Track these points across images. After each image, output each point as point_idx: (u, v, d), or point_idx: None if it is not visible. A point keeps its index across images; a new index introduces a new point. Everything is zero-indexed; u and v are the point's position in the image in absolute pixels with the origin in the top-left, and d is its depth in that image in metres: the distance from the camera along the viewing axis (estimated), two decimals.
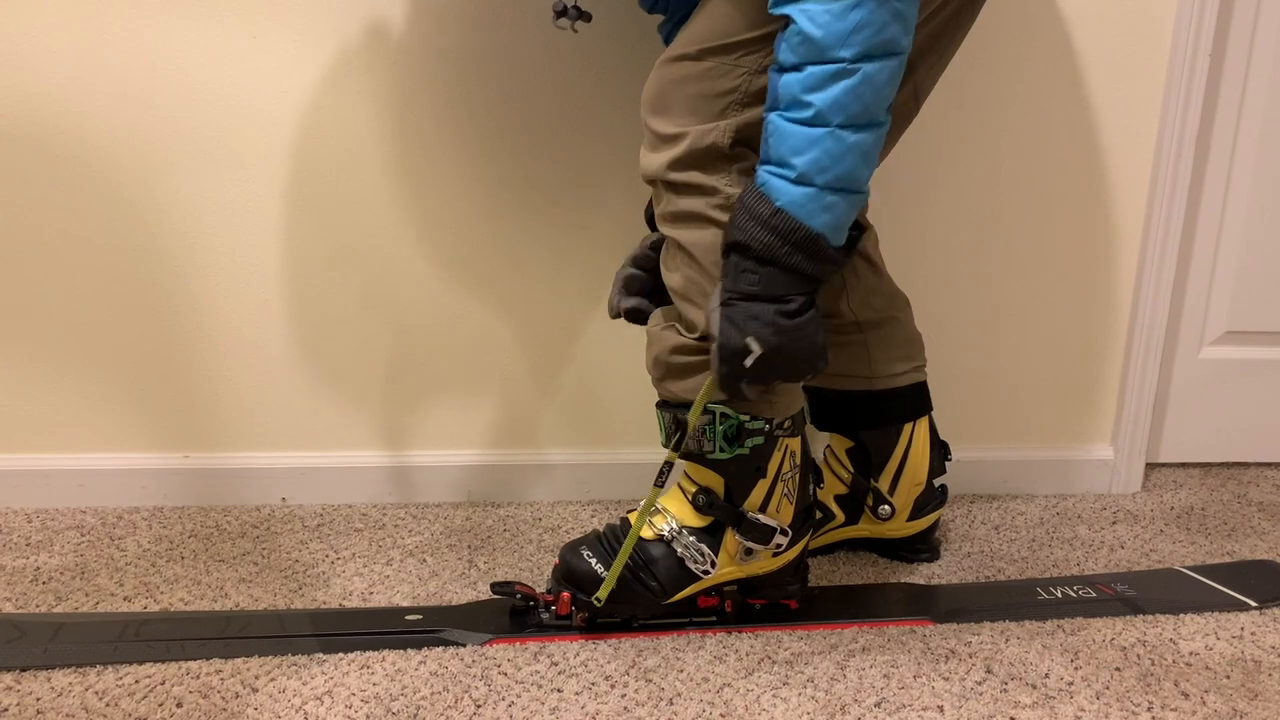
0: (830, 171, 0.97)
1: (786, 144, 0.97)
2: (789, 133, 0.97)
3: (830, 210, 0.99)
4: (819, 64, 0.93)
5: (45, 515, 1.50)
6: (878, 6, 0.92)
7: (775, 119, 0.98)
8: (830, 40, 0.93)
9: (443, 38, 1.41)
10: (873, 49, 0.94)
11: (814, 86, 0.94)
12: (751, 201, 1.00)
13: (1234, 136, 1.58)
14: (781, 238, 0.99)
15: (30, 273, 1.46)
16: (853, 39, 0.92)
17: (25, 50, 1.38)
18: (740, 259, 1.01)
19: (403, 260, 1.49)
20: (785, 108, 0.97)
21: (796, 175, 0.97)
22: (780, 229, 0.99)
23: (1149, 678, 1.09)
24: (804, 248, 0.99)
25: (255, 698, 1.04)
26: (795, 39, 0.94)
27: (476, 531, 1.47)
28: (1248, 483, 1.68)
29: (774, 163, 0.99)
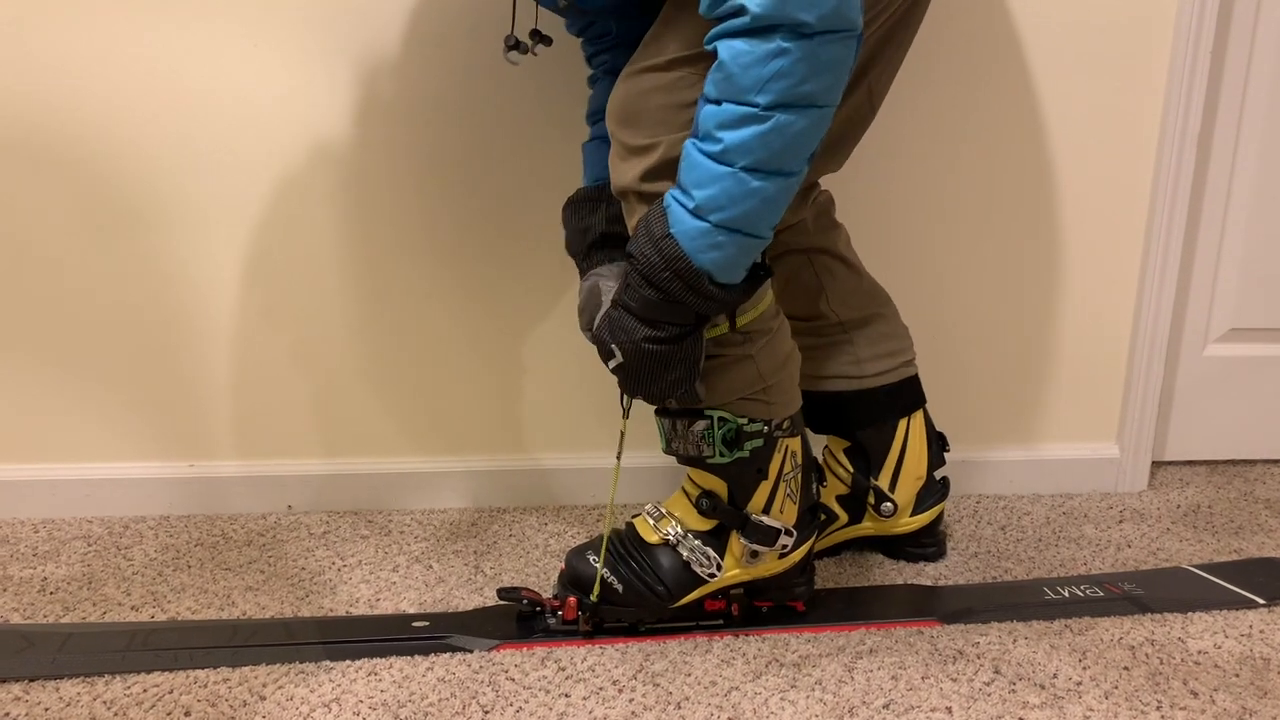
0: (726, 211, 0.95)
1: (692, 174, 0.96)
2: (696, 163, 0.96)
3: (719, 249, 0.97)
4: (734, 103, 0.92)
5: (52, 525, 1.50)
6: (802, 58, 0.89)
7: (689, 146, 0.97)
8: (747, 82, 0.91)
9: (440, 47, 1.41)
10: (790, 99, 0.91)
11: (726, 124, 0.93)
12: (652, 218, 1.00)
13: (1236, 133, 1.58)
14: (665, 262, 0.98)
15: (35, 283, 1.47)
16: (770, 86, 0.90)
17: (27, 57, 1.39)
18: (631, 271, 1.02)
19: (407, 266, 1.50)
20: (700, 138, 0.96)
21: (694, 207, 0.96)
22: (666, 254, 0.98)
23: (1157, 677, 1.09)
24: (684, 278, 0.98)
25: (263, 706, 1.04)
26: (718, 74, 0.93)
27: (482, 537, 1.47)
28: (1254, 480, 1.67)
29: (680, 187, 0.98)
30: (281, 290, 1.49)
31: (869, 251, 1.50)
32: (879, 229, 1.51)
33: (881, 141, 1.47)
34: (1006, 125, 1.50)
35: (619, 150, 1.09)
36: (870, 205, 1.49)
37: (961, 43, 1.45)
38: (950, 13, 1.43)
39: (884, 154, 1.47)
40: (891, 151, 1.47)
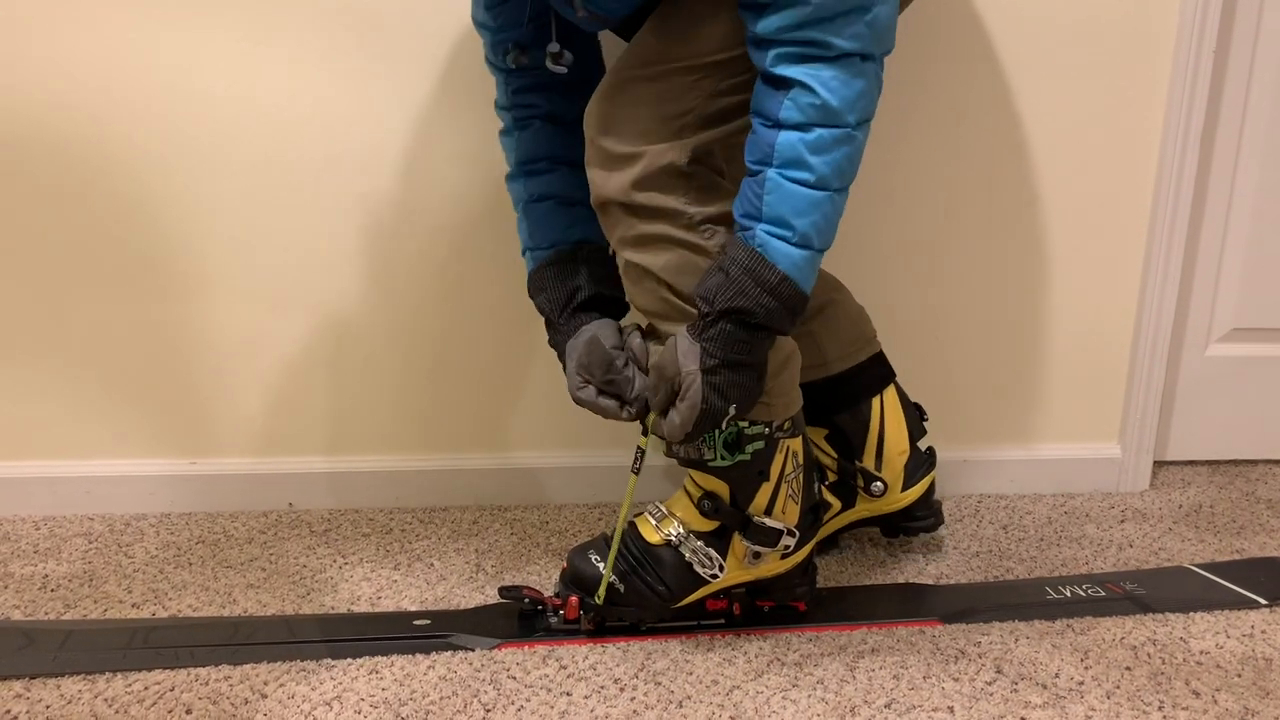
0: (826, 234, 1.00)
1: (788, 204, 0.97)
2: (790, 193, 0.96)
3: (816, 270, 1.02)
4: (829, 128, 0.95)
5: (53, 522, 1.50)
6: (873, 77, 0.97)
7: (775, 177, 0.97)
8: (843, 106, 0.95)
9: (444, 44, 1.41)
10: (867, 115, 0.98)
11: (820, 149, 0.95)
12: (755, 266, 0.99)
13: (1239, 132, 1.58)
14: (784, 303, 1.00)
15: (37, 280, 1.47)
16: (857, 105, 0.96)
17: (28, 55, 1.38)
18: (736, 327, 1.01)
19: (409, 265, 1.49)
20: (784, 165, 0.96)
21: (798, 238, 0.98)
22: (784, 295, 0.99)
23: (1159, 677, 1.09)
24: (797, 310, 1.01)
25: (264, 703, 1.04)
26: (806, 100, 0.94)
27: (484, 536, 1.47)
28: (1256, 480, 1.67)
29: (772, 222, 0.98)
30: (283, 288, 1.49)
31: (870, 250, 1.51)
32: (881, 229, 1.51)
33: (884, 141, 1.46)
34: (1009, 125, 1.50)
35: (600, 158, 1.08)
36: (872, 205, 1.49)
37: (964, 42, 1.45)
38: (953, 12, 1.43)
39: (886, 153, 1.47)
40: (894, 151, 1.46)
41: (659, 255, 1.07)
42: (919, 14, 1.42)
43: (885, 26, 0.96)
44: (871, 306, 1.55)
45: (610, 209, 1.09)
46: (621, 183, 1.05)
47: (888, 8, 0.96)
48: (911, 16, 1.41)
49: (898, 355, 1.57)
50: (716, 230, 1.07)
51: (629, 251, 1.09)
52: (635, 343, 1.14)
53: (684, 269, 1.07)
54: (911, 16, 1.41)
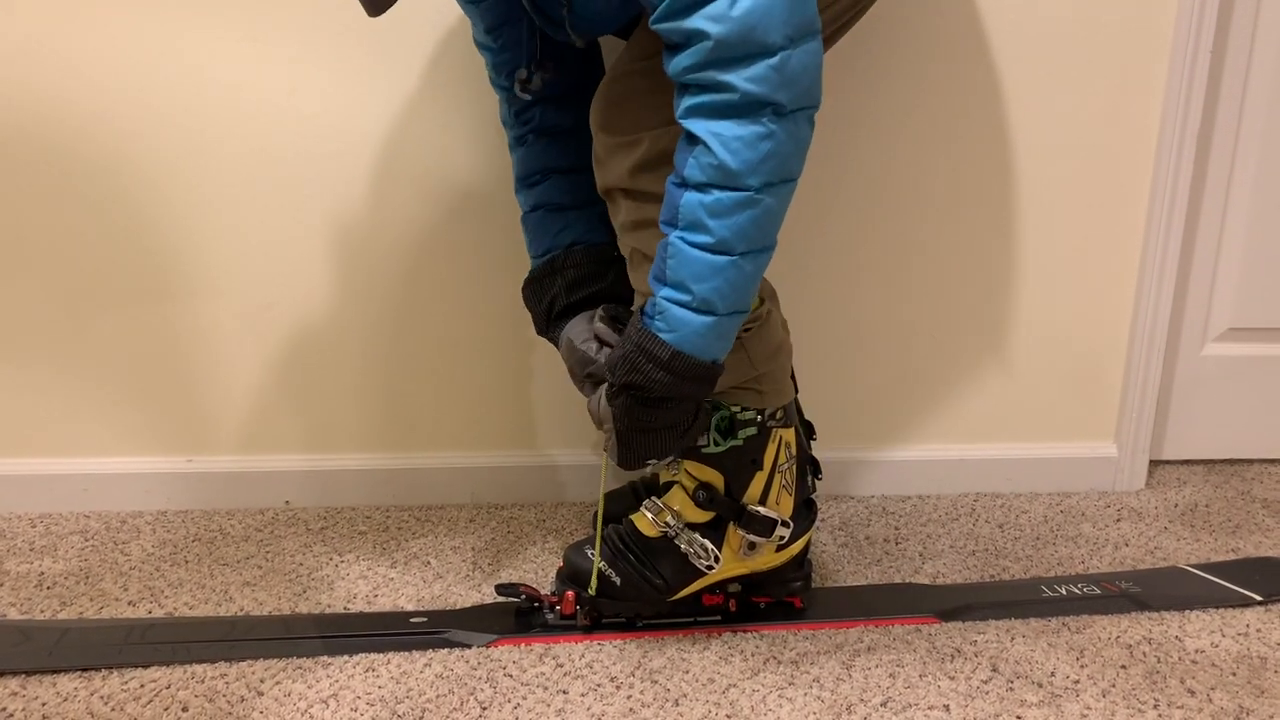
0: (730, 299, 0.97)
1: (687, 269, 0.96)
2: (690, 258, 0.95)
3: (725, 336, 1.00)
4: (727, 190, 0.93)
5: (49, 520, 1.50)
6: (786, 138, 0.92)
7: (676, 241, 0.96)
8: (742, 168, 0.91)
9: (447, 45, 1.41)
10: (776, 178, 0.93)
11: (719, 212, 0.93)
12: (646, 343, 0.99)
13: (1236, 132, 1.58)
14: (679, 376, 0.99)
15: (34, 276, 1.46)
16: (761, 167, 0.92)
17: (32, 55, 1.38)
18: (634, 401, 1.01)
19: (406, 264, 1.49)
20: (685, 229, 0.95)
21: (698, 303, 0.96)
22: (678, 369, 0.98)
23: (1155, 675, 1.09)
24: (702, 378, 1.00)
25: (261, 701, 1.04)
26: (705, 160, 0.92)
27: (480, 533, 1.47)
28: (1251, 479, 1.68)
29: (674, 287, 0.97)
30: (281, 285, 1.49)
31: (866, 249, 1.51)
32: (876, 227, 1.51)
33: (879, 140, 1.47)
34: (1005, 124, 1.50)
35: (603, 148, 1.10)
36: (868, 204, 1.49)
37: (960, 41, 1.45)
38: (948, 12, 1.43)
39: (881, 152, 1.47)
40: (889, 150, 1.47)
41: (657, 239, 1.07)
42: (915, 13, 1.42)
43: (798, 74, 0.91)
44: (867, 305, 1.55)
45: (614, 195, 1.11)
46: (623, 169, 1.07)
47: (803, 56, 0.91)
48: (908, 15, 1.42)
49: (894, 354, 1.58)
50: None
51: (629, 237, 1.11)
52: (598, 327, 1.15)
53: None
54: (908, 15, 1.42)
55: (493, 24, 1.18)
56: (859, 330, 1.56)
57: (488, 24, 1.19)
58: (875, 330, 1.56)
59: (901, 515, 1.54)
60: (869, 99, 1.45)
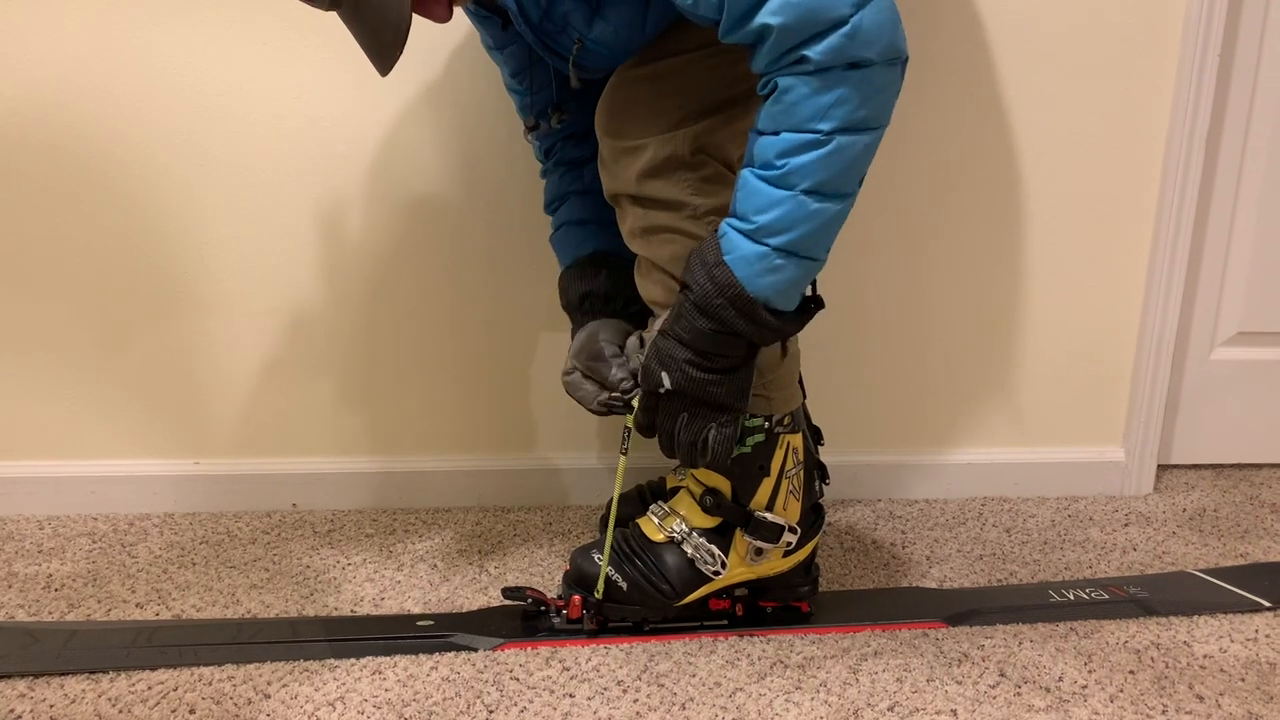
0: (786, 235, 0.96)
1: (751, 200, 0.97)
2: (755, 189, 0.97)
3: (777, 273, 0.98)
4: (795, 132, 0.94)
5: (57, 522, 1.50)
6: (859, 84, 0.92)
7: (746, 174, 0.98)
8: (808, 113, 0.93)
9: (448, 51, 1.42)
10: (849, 124, 0.93)
11: (786, 151, 0.94)
12: (706, 247, 1.00)
13: (1244, 136, 1.58)
14: (719, 290, 0.98)
15: (41, 280, 1.47)
16: (831, 113, 0.92)
17: (34, 55, 1.39)
18: (683, 300, 1.02)
19: (411, 266, 1.50)
20: (759, 166, 0.97)
21: (752, 230, 0.97)
22: (720, 281, 0.98)
23: (1163, 681, 1.09)
24: (739, 305, 0.99)
25: (268, 704, 1.04)
26: (774, 107, 0.94)
27: (487, 537, 1.47)
28: (1260, 484, 1.67)
29: (737, 216, 0.99)
30: (287, 289, 1.49)
31: (873, 253, 1.51)
32: (885, 231, 1.51)
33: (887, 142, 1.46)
34: (1014, 128, 1.50)
35: (610, 154, 1.11)
36: (876, 207, 1.49)
37: (967, 45, 1.45)
38: (958, 13, 1.43)
39: (890, 154, 1.46)
40: (897, 152, 1.46)
41: (664, 247, 1.09)
42: (922, 15, 1.42)
43: (874, 34, 0.91)
44: (876, 309, 1.55)
45: (621, 202, 1.12)
46: (630, 175, 1.08)
47: (874, 14, 0.91)
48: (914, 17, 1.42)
49: (901, 358, 1.58)
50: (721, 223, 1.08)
51: (637, 244, 1.12)
52: (632, 342, 1.17)
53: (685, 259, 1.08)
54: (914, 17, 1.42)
55: (516, 69, 1.24)
56: (866, 334, 1.56)
57: (512, 69, 1.25)
58: (883, 334, 1.56)
59: (908, 519, 1.54)
60: None
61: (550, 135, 1.29)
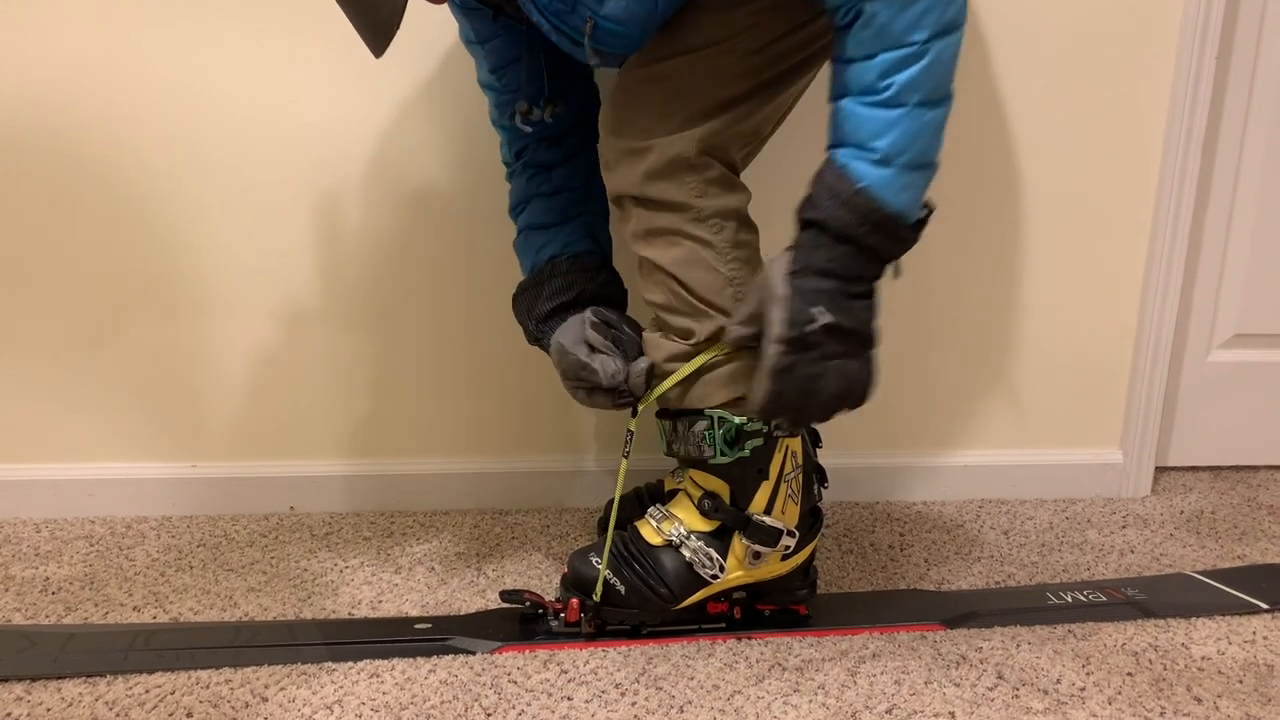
0: (909, 151, 0.99)
1: (865, 128, 0.98)
2: (866, 116, 0.98)
3: (909, 189, 1.01)
4: (892, 49, 0.95)
5: (54, 525, 1.50)
6: None
7: (849, 105, 0.99)
8: (902, 27, 0.95)
9: (447, 53, 1.42)
10: (941, 27, 0.96)
11: (888, 70, 0.96)
12: (831, 180, 1.00)
13: (1241, 138, 1.58)
14: (861, 218, 0.99)
15: (38, 282, 1.47)
16: (923, 22, 0.95)
17: (31, 57, 1.39)
18: (816, 235, 1.01)
19: (408, 269, 1.50)
20: (859, 93, 0.98)
21: (880, 157, 0.98)
22: (861, 208, 0.99)
23: (1161, 683, 1.09)
24: (882, 228, 1.00)
25: (265, 707, 1.04)
26: (865, 32, 0.96)
27: (485, 540, 1.47)
28: (1258, 486, 1.67)
29: (853, 145, 0.99)
30: (285, 291, 1.49)
31: None
32: None
33: None
34: (1012, 129, 1.50)
35: (614, 156, 1.11)
36: None
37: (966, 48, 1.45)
38: None
39: None
40: None
41: (667, 249, 1.09)
42: None
43: None
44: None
45: (624, 203, 1.12)
46: (634, 176, 1.08)
47: None
48: None
49: (899, 360, 1.58)
50: (725, 225, 1.09)
51: (640, 246, 1.12)
52: (589, 334, 1.17)
53: (692, 263, 1.09)
54: None
55: (497, 64, 1.23)
56: None
57: (493, 64, 1.24)
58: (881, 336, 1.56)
59: (906, 521, 1.54)
60: None
61: (524, 137, 1.27)
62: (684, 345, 1.12)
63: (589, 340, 1.16)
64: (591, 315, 1.19)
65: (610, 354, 1.15)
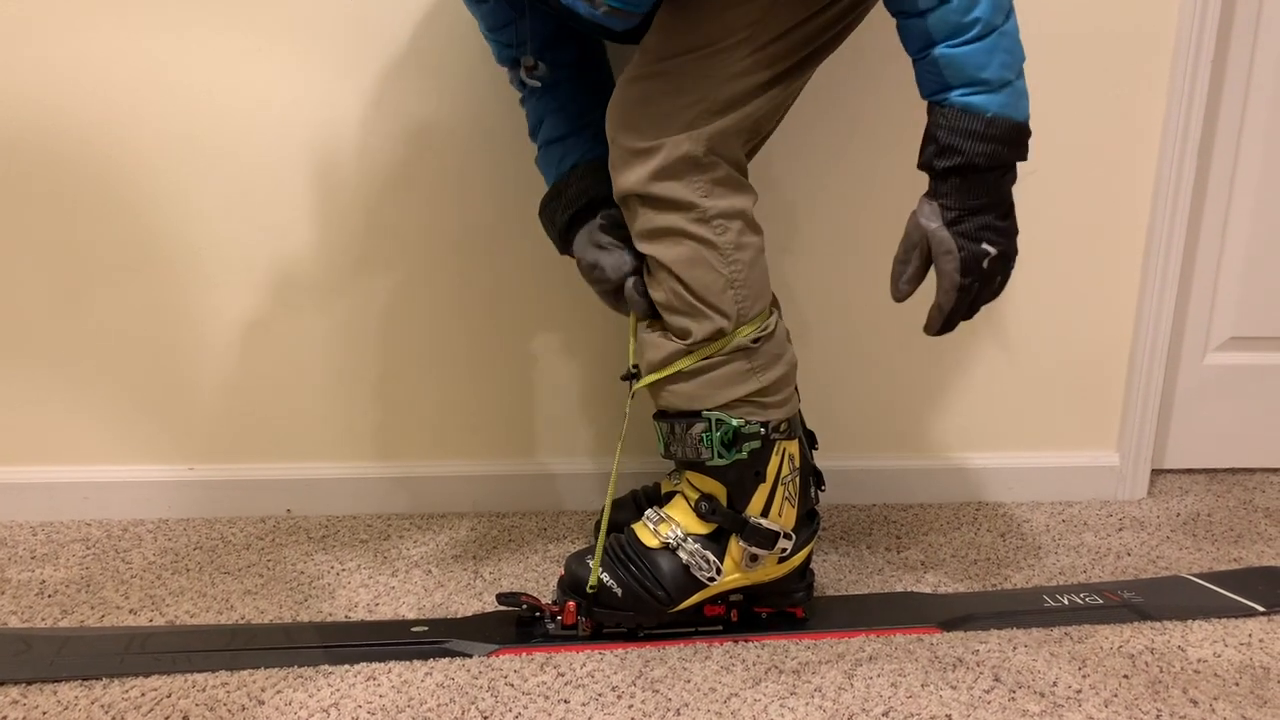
0: (1013, 65, 1.01)
1: (968, 65, 0.99)
2: (965, 56, 0.99)
3: (1024, 95, 1.02)
4: None
5: (50, 528, 1.50)
6: None
7: (944, 51, 0.99)
8: None
9: (444, 53, 1.42)
10: None
11: (970, 6, 0.97)
12: (957, 120, 1.01)
13: (1237, 142, 1.58)
14: (1003, 141, 1.01)
15: (34, 284, 1.47)
16: None
17: (28, 60, 1.39)
18: (964, 180, 1.03)
19: (406, 270, 1.50)
20: (948, 37, 0.98)
21: (995, 84, 1.00)
22: (998, 135, 1.01)
23: (1157, 685, 1.09)
24: (1018, 140, 1.02)
25: (262, 710, 1.04)
26: None
27: (482, 542, 1.47)
28: (1254, 488, 1.68)
29: (962, 85, 1.00)
30: (281, 294, 1.49)
31: (867, 256, 1.51)
32: (877, 233, 1.51)
33: (879, 147, 1.47)
34: None
35: (620, 155, 1.10)
36: (868, 211, 1.49)
37: None
38: None
39: (883, 158, 1.47)
40: (892, 157, 1.46)
41: (671, 248, 1.10)
42: None
43: None
44: (869, 312, 1.55)
45: (630, 202, 1.12)
46: (641, 175, 1.08)
47: None
48: None
49: (895, 362, 1.58)
50: (729, 227, 1.09)
51: (645, 244, 1.12)
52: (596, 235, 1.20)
53: (695, 263, 1.09)
54: None
55: (497, 23, 1.23)
56: (860, 338, 1.56)
57: (490, 23, 1.24)
58: (877, 338, 1.56)
59: (903, 524, 1.54)
60: (870, 106, 1.46)
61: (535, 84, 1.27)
62: (680, 345, 1.12)
63: (597, 241, 1.19)
64: (601, 218, 1.20)
65: (618, 249, 1.17)
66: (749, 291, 1.11)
